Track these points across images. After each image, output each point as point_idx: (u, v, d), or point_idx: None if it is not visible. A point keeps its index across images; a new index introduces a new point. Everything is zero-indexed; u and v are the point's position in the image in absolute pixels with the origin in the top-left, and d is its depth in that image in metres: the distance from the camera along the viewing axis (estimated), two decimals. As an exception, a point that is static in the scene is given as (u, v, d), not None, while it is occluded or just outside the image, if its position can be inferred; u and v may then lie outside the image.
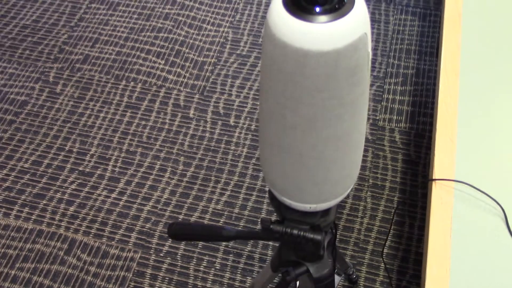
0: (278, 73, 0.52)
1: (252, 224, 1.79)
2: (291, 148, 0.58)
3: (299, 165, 0.60)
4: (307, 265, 0.83)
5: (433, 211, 0.91)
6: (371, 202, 1.82)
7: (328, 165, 0.60)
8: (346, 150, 0.59)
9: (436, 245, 0.90)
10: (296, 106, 0.53)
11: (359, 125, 0.58)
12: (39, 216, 1.84)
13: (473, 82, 1.11)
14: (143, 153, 1.98)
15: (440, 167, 0.93)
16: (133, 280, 1.69)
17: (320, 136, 0.56)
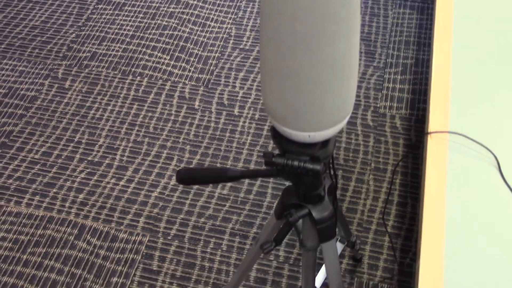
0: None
1: (258, 207, 1.83)
2: (289, 71, 0.63)
3: (297, 89, 0.65)
4: (308, 207, 0.87)
5: (428, 163, 0.95)
6: (374, 185, 1.86)
7: (324, 88, 0.64)
8: (341, 73, 0.64)
9: (432, 196, 0.94)
10: (292, 25, 0.58)
11: (353, 49, 0.63)
12: (49, 203, 1.89)
13: (467, 35, 1.15)
14: (150, 143, 2.03)
15: (434, 120, 0.98)
16: (142, 262, 1.73)
17: (316, 58, 0.61)
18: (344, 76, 0.65)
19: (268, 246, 0.88)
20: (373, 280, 1.65)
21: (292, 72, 0.63)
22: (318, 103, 0.66)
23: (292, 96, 0.66)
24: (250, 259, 1.04)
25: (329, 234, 0.89)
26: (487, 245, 0.88)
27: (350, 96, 0.69)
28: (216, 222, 1.81)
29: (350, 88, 0.68)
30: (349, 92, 0.68)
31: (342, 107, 0.69)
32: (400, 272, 1.66)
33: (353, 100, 0.71)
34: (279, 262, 1.71)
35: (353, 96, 0.71)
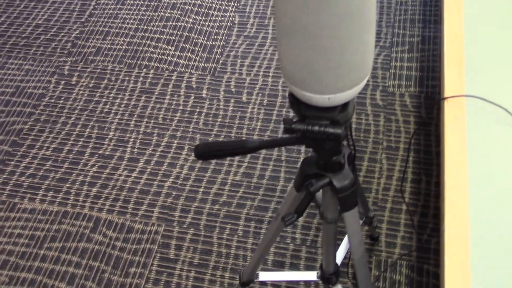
0: None
1: (271, 191, 1.83)
2: (305, 30, 0.62)
3: (314, 48, 0.64)
4: (329, 176, 0.86)
5: (447, 128, 0.94)
6: (387, 163, 1.85)
7: (342, 45, 0.63)
8: (358, 29, 0.63)
9: (453, 162, 0.93)
10: (309, -19, 0.57)
11: (369, 3, 0.62)
12: (63, 198, 1.89)
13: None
14: (160, 134, 2.03)
15: (450, 85, 0.96)
16: (159, 252, 1.73)
17: (333, 13, 0.60)
18: (361, 31, 0.64)
19: (289, 218, 0.88)
20: (391, 257, 1.65)
21: (309, 29, 0.62)
22: (336, 61, 0.65)
23: (310, 56, 0.65)
24: (271, 234, 1.04)
25: (350, 203, 0.88)
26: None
27: (368, 54, 0.68)
28: (230, 208, 1.81)
29: (368, 45, 0.67)
30: (367, 49, 0.67)
31: (361, 66, 0.68)
32: (418, 248, 1.65)
33: (371, 60, 0.70)
34: (296, 245, 1.70)
35: (372, 55, 0.70)
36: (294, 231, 1.73)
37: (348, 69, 0.67)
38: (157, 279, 1.67)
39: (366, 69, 0.69)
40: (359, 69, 0.68)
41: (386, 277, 1.61)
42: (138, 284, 1.67)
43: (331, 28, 0.61)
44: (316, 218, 1.75)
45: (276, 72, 2.15)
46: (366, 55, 0.68)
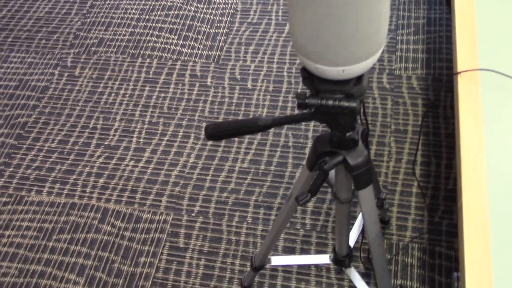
0: None
1: (280, 178, 1.81)
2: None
3: (328, 17, 0.62)
4: (343, 154, 0.84)
5: (461, 103, 0.92)
6: (395, 147, 1.83)
7: (356, 14, 0.61)
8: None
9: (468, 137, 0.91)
10: None
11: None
12: (70, 190, 1.88)
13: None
14: (166, 123, 2.01)
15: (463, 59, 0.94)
16: (168, 241, 1.72)
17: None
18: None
19: (303, 198, 0.86)
20: (402, 241, 1.63)
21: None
22: (351, 31, 0.63)
23: (323, 26, 0.63)
24: (284, 216, 1.02)
25: (365, 181, 0.86)
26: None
27: (383, 23, 0.66)
28: (239, 195, 1.79)
29: (383, 13, 0.65)
30: (382, 18, 0.65)
31: (376, 36, 0.66)
32: (430, 231, 1.64)
33: (386, 29, 0.68)
34: (306, 230, 1.69)
35: (386, 25, 0.68)
36: (304, 216, 1.71)
37: (363, 39, 0.65)
38: (167, 268, 1.66)
39: (381, 39, 0.68)
40: (374, 39, 0.66)
41: (398, 260, 1.60)
42: (148, 273, 1.66)
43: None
44: (325, 203, 1.74)
45: (281, 58, 2.13)
46: (381, 24, 0.66)
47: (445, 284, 1.54)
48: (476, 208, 0.80)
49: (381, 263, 0.98)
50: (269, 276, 1.61)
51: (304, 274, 1.60)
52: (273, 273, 1.61)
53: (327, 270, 1.60)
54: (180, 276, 1.64)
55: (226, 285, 1.61)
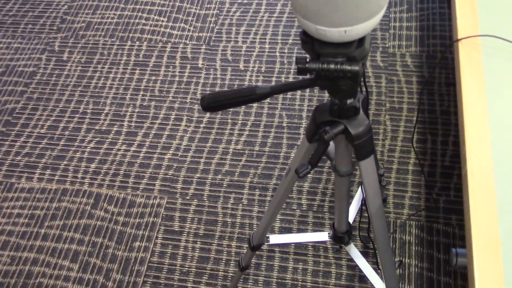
0: None
1: (274, 159, 1.79)
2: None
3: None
4: (344, 123, 0.82)
5: (463, 71, 0.89)
6: (391, 125, 1.81)
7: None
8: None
9: (471, 104, 0.89)
10: None
11: None
12: (61, 176, 1.84)
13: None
14: (157, 106, 1.98)
15: (463, 25, 0.92)
16: (163, 225, 1.69)
17: None
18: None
19: (303, 170, 0.83)
20: (400, 218, 1.62)
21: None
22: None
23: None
24: (282, 192, 1.00)
25: (367, 151, 0.84)
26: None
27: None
28: (233, 177, 1.77)
29: (387, -30, 0.62)
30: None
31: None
32: (427, 208, 1.62)
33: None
34: (302, 210, 1.67)
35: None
36: (300, 196, 1.69)
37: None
38: (163, 251, 1.64)
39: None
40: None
41: (395, 238, 1.58)
42: (143, 258, 1.63)
43: None
44: (321, 182, 1.71)
45: (273, 38, 2.10)
46: (385, -19, 0.63)
47: (443, 261, 1.53)
48: (481, 175, 0.78)
49: (383, 236, 0.96)
50: (266, 257, 1.59)
51: (301, 254, 1.58)
52: (270, 254, 1.59)
53: (325, 249, 1.59)
54: (176, 259, 1.62)
55: (223, 267, 1.59)
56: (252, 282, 1.55)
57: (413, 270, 1.52)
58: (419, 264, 1.53)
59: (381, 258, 1.00)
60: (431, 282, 1.49)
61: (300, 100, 1.91)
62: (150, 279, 1.59)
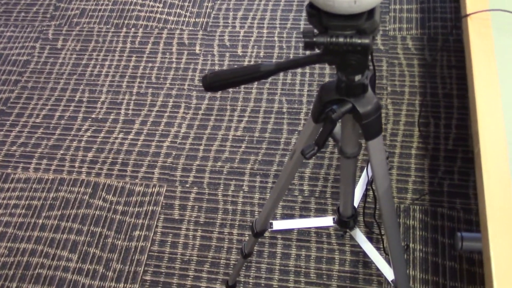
0: None
1: (275, 145, 1.76)
2: None
3: None
4: (351, 101, 0.79)
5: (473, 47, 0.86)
6: (393, 109, 1.78)
7: None
8: None
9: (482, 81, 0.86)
10: None
11: None
12: (58, 165, 1.81)
13: None
14: (154, 93, 1.94)
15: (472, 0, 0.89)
16: (163, 213, 1.67)
17: None
18: None
19: (310, 150, 0.80)
20: (403, 203, 1.59)
21: None
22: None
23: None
24: (287, 175, 0.97)
25: (375, 130, 0.81)
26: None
27: None
28: (234, 164, 1.74)
29: None
30: None
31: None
32: (431, 192, 1.60)
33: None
34: (304, 197, 1.64)
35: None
36: (302, 183, 1.67)
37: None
38: (163, 240, 1.61)
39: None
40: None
41: (399, 223, 1.56)
42: (143, 247, 1.61)
43: None
44: (323, 168, 1.69)
45: (271, 23, 2.06)
46: None
47: (448, 245, 1.51)
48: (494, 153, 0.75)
49: (392, 219, 0.93)
50: (268, 245, 1.56)
51: (304, 241, 1.56)
52: (272, 241, 1.57)
53: (328, 236, 1.56)
54: (177, 248, 1.59)
55: (224, 255, 1.57)
56: (255, 269, 1.52)
57: (417, 255, 1.50)
58: (424, 249, 1.50)
59: (389, 241, 0.98)
60: (436, 266, 1.47)
61: (300, 85, 1.88)
62: (151, 268, 1.56)
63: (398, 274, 1.03)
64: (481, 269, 1.45)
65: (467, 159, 1.64)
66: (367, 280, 1.47)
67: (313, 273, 1.50)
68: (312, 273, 1.50)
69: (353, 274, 1.49)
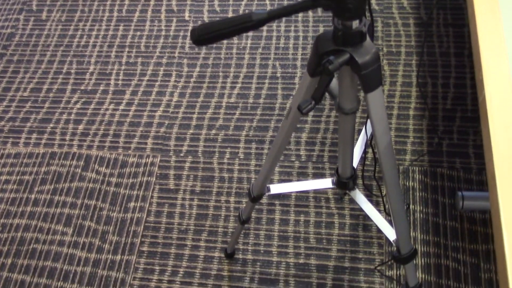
0: None
1: (270, 110, 1.72)
2: None
3: None
4: (349, 51, 0.75)
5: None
6: (389, 69, 1.74)
7: None
8: None
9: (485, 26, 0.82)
10: None
11: None
12: (48, 139, 1.77)
13: None
14: (144, 62, 1.89)
15: None
16: (157, 183, 1.63)
17: None
18: None
19: (307, 105, 0.77)
20: (403, 165, 1.57)
21: None
22: None
23: None
24: (284, 134, 0.93)
25: (375, 81, 0.77)
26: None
27: None
28: (228, 131, 1.70)
29: None
30: None
31: None
32: (430, 152, 1.57)
33: None
34: (301, 162, 1.61)
35: None
36: (298, 148, 1.63)
37: None
38: (159, 211, 1.58)
39: None
40: None
41: (399, 185, 1.53)
42: (139, 218, 1.58)
43: None
44: (320, 132, 1.65)
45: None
46: None
47: (449, 205, 1.48)
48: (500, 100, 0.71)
49: (393, 176, 0.90)
50: (266, 211, 1.54)
51: (302, 206, 1.53)
52: (270, 208, 1.54)
53: (326, 200, 1.54)
54: (173, 218, 1.57)
55: (222, 223, 1.54)
56: (253, 236, 1.50)
57: (418, 216, 1.48)
58: (424, 210, 1.48)
59: (390, 199, 0.95)
60: (437, 227, 1.45)
61: (293, 49, 1.83)
62: (148, 239, 1.54)
63: (400, 232, 1.00)
64: (483, 227, 1.44)
65: (466, 118, 1.61)
66: (367, 243, 1.45)
67: (312, 238, 1.48)
68: (312, 238, 1.48)
69: (353, 237, 1.47)
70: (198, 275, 1.46)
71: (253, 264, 1.46)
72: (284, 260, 1.46)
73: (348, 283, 1.40)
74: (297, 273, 1.43)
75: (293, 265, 1.45)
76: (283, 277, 1.43)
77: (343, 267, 1.43)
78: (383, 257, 1.43)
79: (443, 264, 1.40)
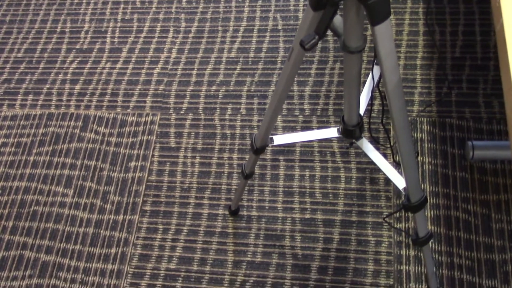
0: None
1: (271, 64, 1.66)
2: None
3: None
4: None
5: None
6: (395, 18, 1.67)
7: None
8: None
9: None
10: None
11: None
12: (45, 100, 1.72)
13: None
14: (140, 19, 1.82)
15: None
16: (158, 142, 1.59)
17: None
18: None
19: (310, 40, 0.71)
20: (410, 116, 1.51)
21: None
22: None
23: None
24: (287, 76, 0.88)
25: (383, 12, 0.72)
26: None
27: None
28: (229, 87, 1.65)
29: None
30: None
31: None
32: (438, 103, 1.52)
33: None
34: (305, 116, 1.56)
35: None
36: (302, 102, 1.58)
37: None
38: (161, 169, 1.54)
39: None
40: None
41: (406, 136, 1.49)
42: (140, 177, 1.54)
43: None
44: (324, 85, 1.60)
45: None
46: None
47: (458, 155, 1.44)
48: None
49: (402, 118, 0.85)
50: (270, 167, 1.50)
51: (307, 161, 1.49)
52: (274, 163, 1.50)
53: (332, 154, 1.49)
54: (175, 176, 1.53)
55: (225, 180, 1.50)
56: (258, 192, 1.47)
57: (427, 168, 1.43)
58: (433, 161, 1.44)
59: (400, 145, 0.90)
60: (446, 178, 1.41)
61: (294, 0, 1.76)
62: (150, 198, 1.50)
63: (409, 179, 0.96)
64: (494, 177, 1.39)
65: (475, 66, 1.55)
66: (374, 196, 1.42)
67: (318, 193, 1.44)
68: (318, 193, 1.44)
69: (360, 191, 1.43)
70: (202, 233, 1.43)
71: (258, 221, 1.43)
72: (290, 215, 1.42)
73: (355, 237, 1.37)
74: (303, 228, 1.40)
75: (299, 220, 1.41)
76: (289, 232, 1.40)
77: (350, 221, 1.39)
78: (391, 210, 1.39)
79: (453, 216, 1.36)
